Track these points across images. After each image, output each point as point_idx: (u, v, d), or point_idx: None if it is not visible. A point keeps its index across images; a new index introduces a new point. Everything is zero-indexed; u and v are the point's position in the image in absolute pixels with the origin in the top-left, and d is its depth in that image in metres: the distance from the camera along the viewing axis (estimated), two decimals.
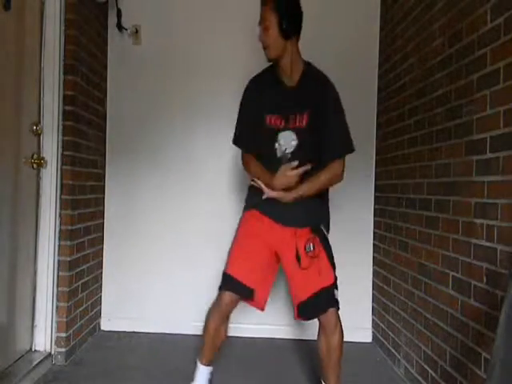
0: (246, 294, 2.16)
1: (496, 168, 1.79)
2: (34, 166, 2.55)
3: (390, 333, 2.94)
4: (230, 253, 2.23)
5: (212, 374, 2.29)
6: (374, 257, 3.31)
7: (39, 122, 2.60)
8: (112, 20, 3.26)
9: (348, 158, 3.35)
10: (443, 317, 2.21)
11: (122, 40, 3.31)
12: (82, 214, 2.89)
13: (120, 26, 3.24)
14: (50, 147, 2.63)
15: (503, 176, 1.75)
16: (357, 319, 3.30)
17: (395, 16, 3.01)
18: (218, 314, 2.18)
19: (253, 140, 2.20)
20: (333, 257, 2.16)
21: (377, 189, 3.30)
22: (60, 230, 2.68)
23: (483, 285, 1.86)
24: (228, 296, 2.15)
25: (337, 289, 2.14)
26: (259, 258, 2.17)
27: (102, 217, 3.31)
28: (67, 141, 2.70)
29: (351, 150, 2.17)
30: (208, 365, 2.25)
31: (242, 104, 2.24)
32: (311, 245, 2.08)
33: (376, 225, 3.30)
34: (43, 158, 2.60)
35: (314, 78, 2.13)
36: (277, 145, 2.14)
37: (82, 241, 2.90)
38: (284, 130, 2.13)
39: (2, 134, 2.28)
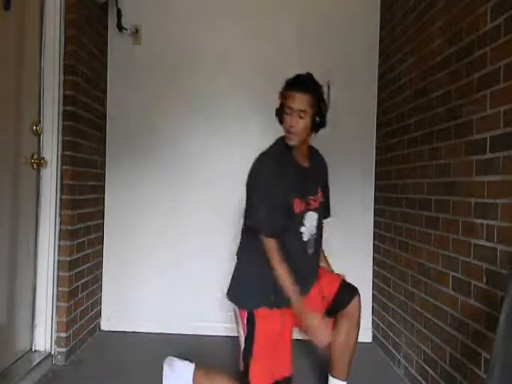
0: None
1: (496, 168, 1.79)
2: (34, 166, 2.55)
3: (390, 333, 2.94)
4: (254, 360, 1.95)
5: None
6: (374, 257, 3.31)
7: (39, 122, 2.60)
8: (112, 20, 3.26)
9: (348, 157, 3.38)
10: (443, 317, 2.21)
11: (122, 40, 3.31)
12: (81, 214, 2.89)
13: (120, 26, 3.23)
14: (50, 147, 2.63)
15: (503, 176, 1.75)
16: None
17: (395, 16, 3.01)
18: None
19: (282, 224, 2.03)
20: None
21: (377, 189, 3.30)
22: (60, 230, 2.68)
23: (483, 285, 1.86)
24: None
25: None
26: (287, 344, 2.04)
27: (102, 217, 3.31)
28: (67, 141, 2.70)
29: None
30: None
31: (265, 186, 2.03)
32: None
33: (376, 225, 3.30)
34: (43, 158, 2.60)
35: (318, 158, 2.26)
36: (303, 228, 2.09)
37: (81, 241, 2.90)
38: (307, 211, 2.11)
39: (2, 133, 2.28)
